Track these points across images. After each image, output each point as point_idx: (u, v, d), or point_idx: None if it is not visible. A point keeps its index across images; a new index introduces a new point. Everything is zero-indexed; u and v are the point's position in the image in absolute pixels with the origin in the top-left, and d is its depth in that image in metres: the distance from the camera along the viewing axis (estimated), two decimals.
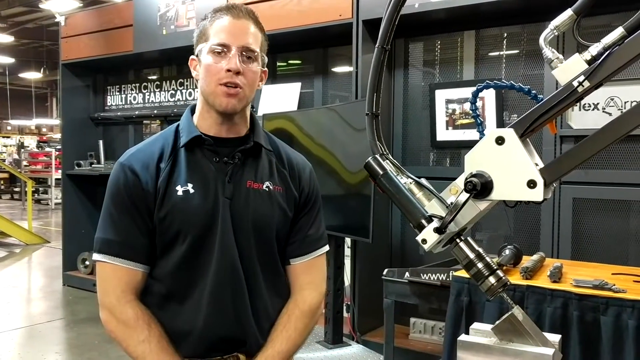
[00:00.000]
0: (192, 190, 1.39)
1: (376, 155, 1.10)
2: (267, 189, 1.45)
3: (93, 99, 5.99)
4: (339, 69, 4.44)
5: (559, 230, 3.31)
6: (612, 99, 3.09)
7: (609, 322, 2.02)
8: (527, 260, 2.50)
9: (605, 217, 3.24)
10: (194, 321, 1.39)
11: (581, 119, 3.18)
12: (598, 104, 3.13)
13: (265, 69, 1.49)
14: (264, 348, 1.44)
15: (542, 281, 2.26)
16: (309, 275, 1.54)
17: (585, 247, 3.25)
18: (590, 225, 3.26)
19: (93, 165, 5.66)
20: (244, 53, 1.39)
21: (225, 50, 1.38)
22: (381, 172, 1.08)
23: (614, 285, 2.10)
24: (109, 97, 5.94)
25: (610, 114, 3.10)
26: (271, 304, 1.47)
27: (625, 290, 2.08)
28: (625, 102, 3.07)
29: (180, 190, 1.38)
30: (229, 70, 1.36)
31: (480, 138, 1.05)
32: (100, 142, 5.77)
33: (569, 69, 0.96)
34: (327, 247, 1.60)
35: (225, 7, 1.42)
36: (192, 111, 1.50)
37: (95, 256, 1.41)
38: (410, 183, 1.08)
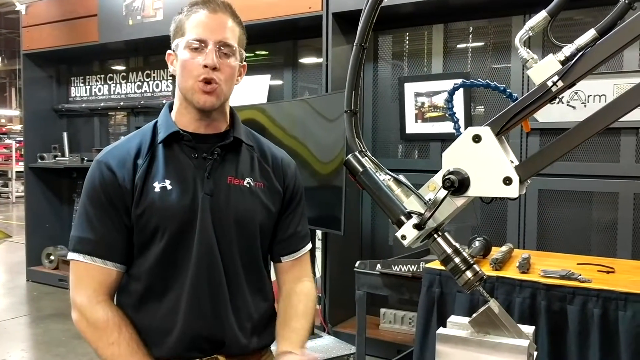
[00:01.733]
0: (169, 187, 1.37)
1: (355, 153, 1.11)
2: (248, 185, 1.44)
3: (56, 90, 5.84)
4: (308, 61, 4.43)
5: (525, 221, 3.39)
6: (576, 93, 3.18)
7: (575, 311, 2.08)
8: (496, 252, 2.56)
9: (569, 208, 3.34)
10: (172, 320, 1.38)
11: (546, 112, 3.26)
12: (563, 97, 3.20)
13: (244, 63, 1.48)
14: (296, 338, 1.45)
15: (511, 272, 2.32)
16: (302, 268, 1.58)
17: (550, 238, 3.35)
18: (555, 216, 3.36)
19: (57, 158, 5.54)
20: (221, 48, 1.37)
21: (202, 45, 1.36)
22: (361, 170, 1.10)
23: (580, 275, 2.17)
24: (73, 88, 5.81)
25: (574, 107, 3.19)
26: (253, 302, 1.46)
27: (591, 280, 2.15)
28: (588, 96, 3.16)
29: (157, 186, 1.37)
30: (205, 66, 1.35)
31: (457, 136, 1.06)
32: (65, 134, 5.63)
33: (543, 69, 0.98)
34: (311, 245, 1.62)
35: (201, 1, 1.40)
36: (171, 108, 1.48)
37: (70, 255, 1.39)
38: (389, 180, 1.10)
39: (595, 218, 3.29)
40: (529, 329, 1.09)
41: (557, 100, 3.24)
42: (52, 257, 5.56)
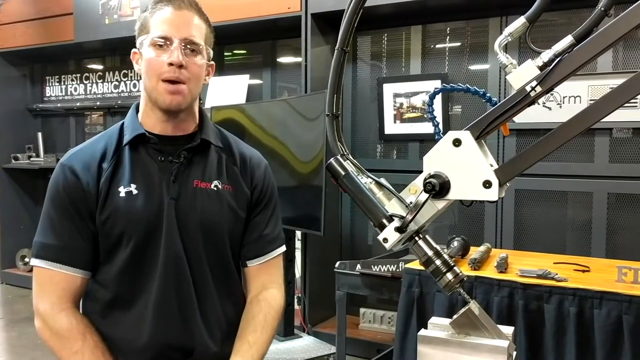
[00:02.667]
0: (135, 191, 1.34)
1: (337, 156, 1.12)
2: (215, 188, 1.41)
3: (30, 90, 5.75)
4: (287, 61, 4.43)
5: (502, 220, 3.44)
6: (552, 94, 3.22)
7: (552, 309, 2.12)
8: (474, 252, 2.59)
9: (545, 208, 3.39)
10: (140, 329, 1.34)
11: (523, 113, 3.28)
12: None
13: (212, 62, 1.44)
14: (248, 350, 1.38)
15: (490, 272, 2.34)
16: (269, 274, 1.51)
17: (527, 237, 3.40)
18: (531, 216, 3.41)
19: (32, 159, 5.45)
20: (188, 46, 1.33)
21: (167, 43, 1.32)
22: (343, 173, 1.10)
23: (557, 274, 2.20)
24: (47, 87, 5.72)
25: (550, 109, 3.24)
26: (222, 309, 1.43)
27: (567, 278, 2.19)
28: (564, 97, 3.21)
29: (123, 191, 1.33)
30: (171, 64, 1.31)
31: (438, 140, 1.08)
32: (39, 134, 5.55)
33: (522, 75, 1.00)
34: (283, 248, 1.56)
35: None
36: (138, 108, 1.43)
37: (33, 261, 1.35)
38: (371, 183, 1.11)
39: (571, 217, 3.35)
40: (508, 330, 1.10)
41: None
42: (26, 260, 5.46)
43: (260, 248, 1.50)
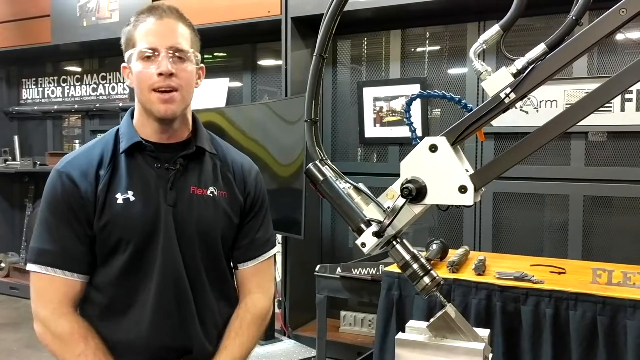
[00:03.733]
0: (132, 198, 1.35)
1: (316, 161, 1.13)
2: (211, 195, 1.43)
3: (6, 92, 5.67)
4: (267, 64, 4.43)
5: (481, 223, 3.47)
6: (528, 98, 3.27)
7: (528, 311, 2.15)
8: (453, 254, 2.61)
9: (522, 210, 3.43)
10: (138, 331, 1.36)
11: (500, 117, 3.33)
12: None
13: (202, 65, 1.46)
14: (217, 355, 1.43)
15: (468, 274, 2.37)
16: (257, 279, 1.54)
17: (505, 239, 3.44)
18: (509, 218, 3.45)
19: (8, 163, 5.37)
20: (175, 54, 1.34)
21: (154, 54, 1.33)
22: (321, 178, 1.11)
23: (533, 276, 2.24)
24: (24, 90, 5.64)
25: (527, 112, 3.29)
26: (218, 310, 1.46)
27: (543, 280, 2.22)
28: (540, 101, 3.26)
29: (120, 198, 1.35)
30: (160, 74, 1.32)
31: (414, 145, 1.09)
32: (16, 137, 5.46)
33: (496, 81, 1.02)
34: (274, 250, 1.59)
35: (147, 9, 1.38)
36: (132, 115, 1.45)
37: (30, 267, 1.35)
38: (349, 188, 1.12)
39: (547, 220, 3.40)
40: (484, 332, 1.12)
41: None
42: (2, 265, 5.37)
43: (252, 252, 1.53)
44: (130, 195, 1.36)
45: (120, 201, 1.35)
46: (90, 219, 1.35)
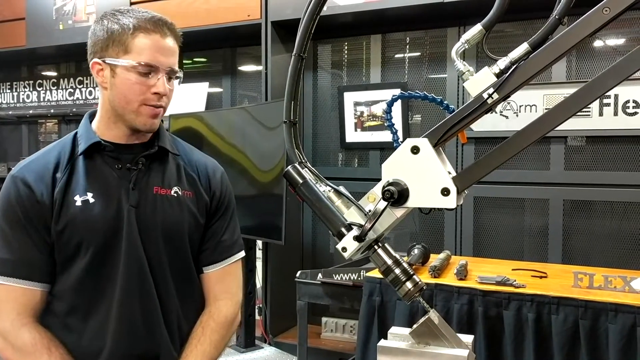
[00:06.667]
0: (92, 200, 1.32)
1: (295, 164, 1.10)
2: (175, 194, 1.40)
3: None
4: (247, 69, 4.40)
5: (462, 228, 3.47)
6: (508, 103, 3.28)
7: (510, 316, 2.14)
8: (435, 259, 2.60)
9: (503, 215, 3.44)
10: (102, 339, 1.32)
11: (480, 122, 3.32)
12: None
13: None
14: None
15: (450, 279, 2.35)
16: (223, 284, 1.50)
17: (486, 244, 3.44)
18: (490, 223, 3.45)
19: None
20: (170, 75, 1.36)
21: (153, 72, 1.32)
22: (300, 181, 1.08)
23: (515, 280, 2.23)
24: None
25: (507, 117, 3.29)
26: (185, 315, 1.43)
27: (525, 285, 2.21)
28: (520, 106, 3.27)
29: (79, 200, 1.31)
30: (156, 93, 1.32)
31: (396, 147, 1.07)
32: None
33: (479, 82, 1.00)
34: (242, 253, 1.56)
35: (151, 22, 1.33)
36: (91, 118, 1.42)
37: None
38: (329, 191, 1.09)
39: (528, 224, 3.40)
40: (468, 338, 1.10)
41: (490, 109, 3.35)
42: None
43: (218, 254, 1.50)
44: (89, 197, 1.32)
45: (79, 203, 1.31)
46: (47, 224, 1.31)
